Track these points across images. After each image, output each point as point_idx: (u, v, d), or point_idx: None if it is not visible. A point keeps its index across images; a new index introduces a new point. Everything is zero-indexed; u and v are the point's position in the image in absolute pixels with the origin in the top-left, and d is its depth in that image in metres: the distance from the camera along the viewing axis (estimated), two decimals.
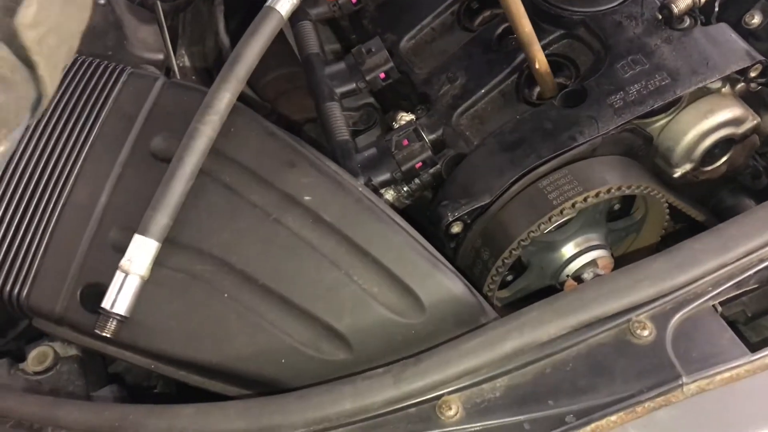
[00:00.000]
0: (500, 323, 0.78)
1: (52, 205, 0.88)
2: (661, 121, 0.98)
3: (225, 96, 0.87)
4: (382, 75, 1.12)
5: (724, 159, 1.03)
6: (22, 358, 0.92)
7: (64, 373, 0.91)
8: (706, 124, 0.96)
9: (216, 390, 0.87)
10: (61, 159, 0.90)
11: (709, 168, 1.02)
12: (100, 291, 0.82)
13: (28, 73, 0.41)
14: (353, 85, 1.12)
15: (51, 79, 0.42)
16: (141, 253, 0.82)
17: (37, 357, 0.91)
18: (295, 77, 1.40)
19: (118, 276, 0.82)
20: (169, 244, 0.83)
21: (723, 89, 0.98)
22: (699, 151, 0.98)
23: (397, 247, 0.85)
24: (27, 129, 0.45)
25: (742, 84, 0.99)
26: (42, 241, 0.87)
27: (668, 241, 1.11)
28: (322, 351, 0.83)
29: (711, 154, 1.00)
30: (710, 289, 0.80)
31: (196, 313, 0.85)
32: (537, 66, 0.98)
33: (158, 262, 0.83)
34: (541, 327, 0.76)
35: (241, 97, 0.91)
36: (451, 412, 0.76)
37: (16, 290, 0.86)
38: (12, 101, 0.41)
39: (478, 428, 0.75)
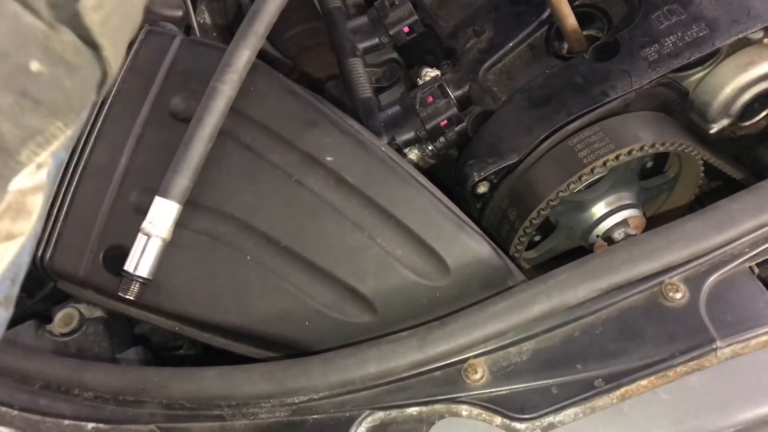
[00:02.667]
0: (528, 286, 0.76)
1: (72, 168, 0.88)
2: (697, 75, 0.94)
3: (244, 53, 0.85)
4: (406, 29, 1.09)
5: (764, 114, 0.98)
6: (49, 320, 0.92)
7: (90, 334, 0.91)
8: (745, 77, 0.92)
9: (240, 352, 0.87)
10: None
11: (748, 123, 0.98)
12: (123, 253, 0.81)
13: (92, 54, 0.40)
14: (376, 40, 1.09)
15: (115, 58, 0.42)
16: (162, 216, 0.81)
17: (63, 319, 0.91)
18: (317, 33, 1.36)
19: (140, 238, 0.81)
20: (190, 205, 0.82)
21: (765, 40, 0.93)
22: (737, 105, 0.94)
23: (421, 209, 0.83)
24: None
25: None
26: (64, 204, 0.87)
27: (704, 200, 1.08)
28: (346, 313, 0.82)
29: (750, 109, 0.96)
30: (747, 250, 0.77)
31: (218, 275, 0.84)
32: (563, 20, 0.94)
33: (180, 225, 0.82)
34: (570, 290, 0.74)
35: (262, 54, 0.89)
36: (477, 376, 0.75)
37: (39, 253, 0.86)
38: (78, 85, 0.41)
39: (504, 392, 0.74)
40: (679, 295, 0.75)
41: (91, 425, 0.79)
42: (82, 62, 0.40)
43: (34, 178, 0.41)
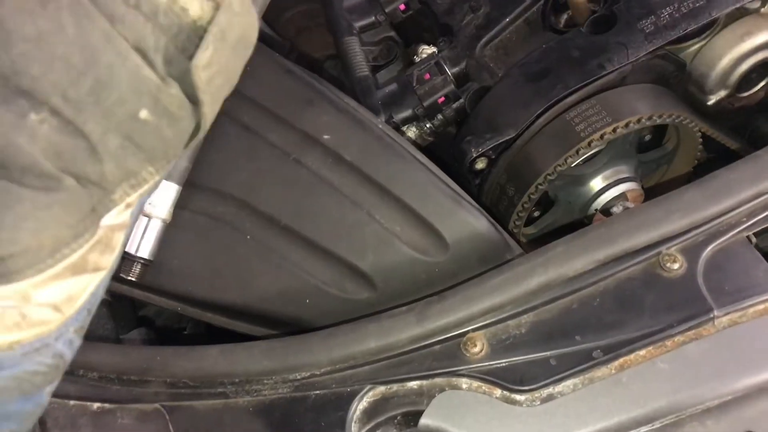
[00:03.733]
0: (525, 259, 0.76)
1: None
2: (694, 46, 0.93)
3: None
4: (402, 6, 1.09)
5: (762, 84, 0.98)
6: None
7: (94, 317, 0.91)
8: (743, 47, 0.91)
9: (243, 331, 0.88)
10: None
11: (746, 94, 0.98)
12: None
13: (192, 109, 0.43)
14: (372, 18, 1.09)
15: (211, 114, 0.45)
16: (162, 197, 0.81)
17: None
18: (315, 13, 1.36)
19: (141, 220, 0.81)
20: (189, 186, 0.83)
21: (762, 9, 0.93)
22: (735, 76, 0.94)
23: (419, 185, 0.83)
24: None
25: None
26: None
27: (701, 172, 1.08)
28: (346, 290, 0.82)
29: (748, 80, 0.95)
30: (745, 219, 0.77)
31: (219, 254, 0.85)
32: None
33: (179, 205, 0.82)
34: (568, 262, 0.75)
35: (259, 35, 0.89)
36: (476, 349, 0.75)
37: None
38: (175, 135, 0.44)
39: (503, 364, 0.74)
40: (676, 266, 0.75)
41: (96, 405, 0.80)
42: (183, 115, 0.43)
43: (122, 216, 0.44)
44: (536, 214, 1.04)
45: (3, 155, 0.36)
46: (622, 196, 0.96)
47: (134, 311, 0.99)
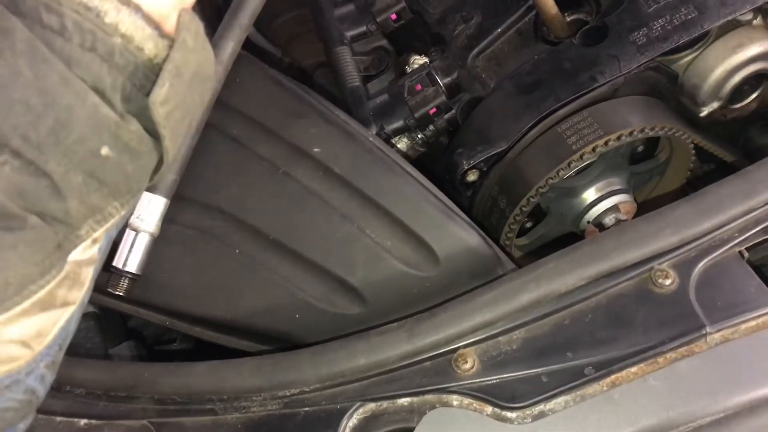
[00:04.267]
0: (516, 275, 0.76)
1: None
2: (686, 58, 0.93)
3: (228, 45, 0.84)
4: (394, 16, 1.08)
5: (754, 96, 0.97)
6: None
7: (82, 330, 0.91)
8: (735, 59, 0.91)
9: (232, 345, 0.87)
10: None
11: (738, 106, 0.97)
12: (111, 249, 0.81)
13: (153, 143, 0.45)
14: (363, 28, 1.08)
15: (173, 148, 0.46)
16: (150, 211, 0.80)
17: None
18: (307, 19, 1.35)
19: (128, 234, 0.80)
20: (177, 200, 0.81)
21: (754, 21, 0.92)
22: (727, 88, 0.93)
23: (410, 199, 0.82)
24: None
25: None
26: None
27: (696, 185, 1.07)
28: (336, 305, 0.81)
29: (740, 91, 0.95)
30: (736, 234, 0.76)
31: (207, 269, 0.84)
32: (543, 7, 0.93)
33: (168, 219, 0.81)
34: (559, 278, 0.74)
35: (249, 44, 0.88)
36: (467, 366, 0.75)
37: None
38: (137, 170, 0.45)
39: (494, 381, 0.74)
40: (668, 282, 0.75)
41: (83, 421, 0.79)
42: (144, 150, 0.44)
43: (89, 252, 0.44)
44: (528, 225, 1.04)
45: None
46: (614, 208, 0.95)
47: (123, 324, 0.98)
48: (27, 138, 0.38)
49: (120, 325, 0.97)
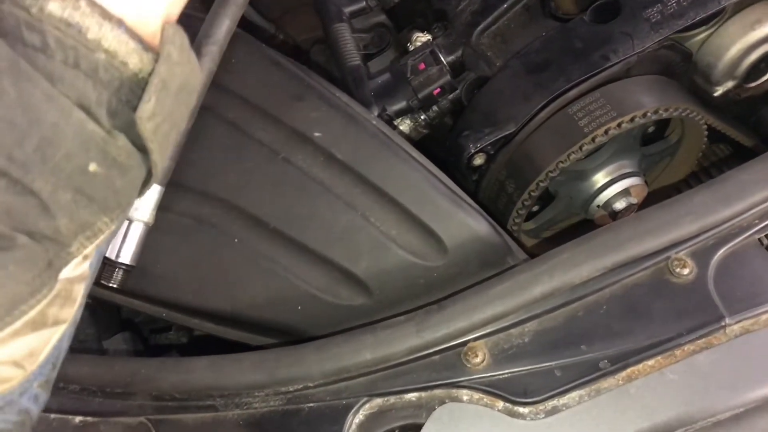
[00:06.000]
0: (529, 266, 0.73)
1: None
2: (701, 35, 0.89)
3: (224, 23, 0.79)
4: None
5: None
6: None
7: None
8: (752, 36, 0.87)
9: (230, 337, 0.84)
10: None
11: (754, 84, 0.94)
12: None
13: (141, 157, 0.45)
14: (363, 3, 1.04)
15: (161, 161, 0.46)
16: (144, 199, 0.77)
17: None
18: None
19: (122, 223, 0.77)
20: (173, 187, 0.78)
21: None
22: (743, 66, 0.90)
23: (415, 186, 0.79)
24: None
25: None
26: None
27: (711, 171, 1.05)
28: (340, 296, 0.78)
29: (757, 70, 0.91)
30: (757, 222, 0.73)
31: (205, 259, 0.81)
32: None
33: (163, 207, 0.77)
34: (574, 269, 0.71)
35: (243, 21, 0.84)
36: (478, 359, 0.72)
37: None
38: (127, 185, 0.45)
39: (506, 375, 0.71)
40: (686, 271, 0.72)
41: (78, 418, 0.76)
42: (133, 164, 0.44)
43: (80, 268, 0.44)
44: (536, 209, 1.00)
45: None
46: (625, 192, 0.92)
47: (117, 315, 0.95)
48: (12, 157, 0.38)
49: (114, 316, 0.94)
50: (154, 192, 0.77)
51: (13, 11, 0.38)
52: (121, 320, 0.95)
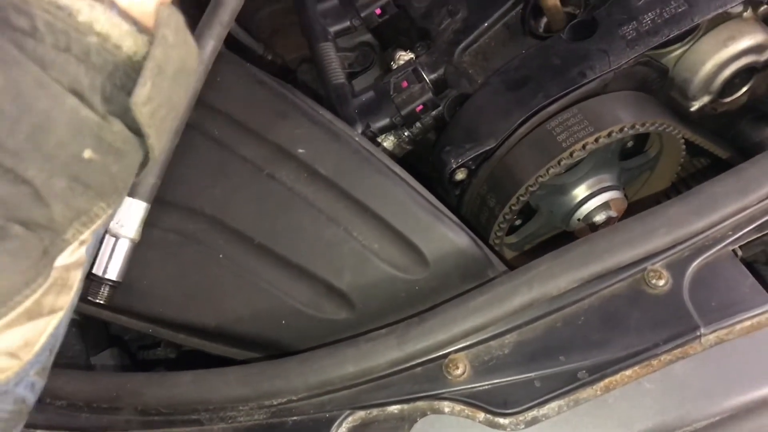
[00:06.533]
0: (508, 278, 0.74)
1: None
2: (676, 51, 0.91)
3: (209, 43, 0.81)
4: (378, 10, 1.06)
5: (745, 89, 0.96)
6: None
7: (63, 338, 0.88)
8: (725, 52, 0.89)
9: (217, 353, 0.85)
10: None
11: (729, 99, 0.96)
12: None
13: (138, 141, 0.44)
14: (347, 23, 1.06)
15: (159, 144, 0.46)
16: (130, 216, 0.78)
17: None
18: (290, 12, 1.32)
19: (108, 240, 0.78)
20: (158, 203, 0.79)
21: (745, 14, 0.91)
22: (718, 82, 0.92)
23: (397, 200, 0.80)
24: None
25: (766, 7, 0.91)
26: None
27: (689, 182, 1.06)
28: (324, 310, 0.80)
29: (731, 85, 0.94)
30: (730, 233, 0.75)
31: (190, 274, 0.82)
32: None
33: (148, 224, 0.78)
34: (552, 280, 0.72)
35: (230, 39, 0.85)
36: (459, 371, 0.73)
37: None
38: (123, 169, 0.44)
39: (486, 387, 0.72)
40: (662, 282, 0.73)
41: None
42: (129, 149, 0.43)
43: (76, 254, 0.44)
44: (518, 222, 1.02)
45: None
46: (605, 205, 0.94)
47: (105, 330, 0.96)
48: (3, 146, 0.37)
49: (102, 332, 0.95)
50: (140, 209, 0.78)
51: None
52: (109, 336, 0.96)
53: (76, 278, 0.46)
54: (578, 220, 0.95)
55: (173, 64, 0.43)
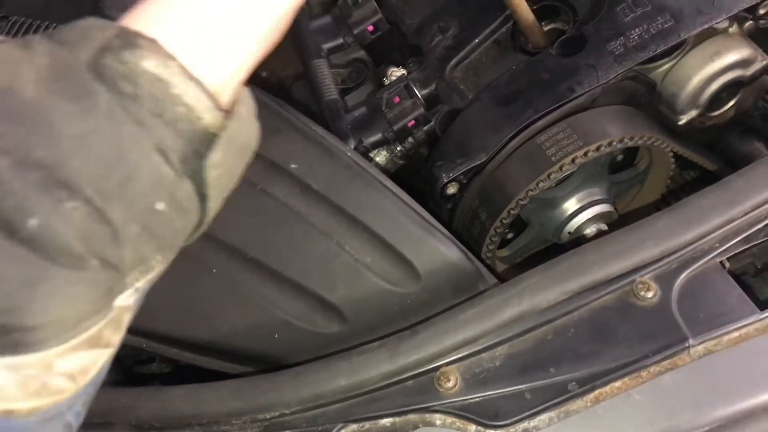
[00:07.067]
0: (498, 291, 0.75)
1: None
2: (664, 66, 0.93)
3: None
4: (371, 27, 1.07)
5: (731, 103, 0.97)
6: None
7: None
8: (712, 67, 0.91)
9: (210, 367, 0.85)
10: None
11: (716, 113, 0.98)
12: None
13: (199, 204, 0.48)
14: (340, 40, 1.07)
15: (215, 209, 0.51)
16: None
17: None
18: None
19: None
20: None
21: (730, 29, 0.92)
22: (705, 96, 0.93)
23: (389, 215, 0.81)
24: None
25: (751, 22, 0.93)
26: None
27: (678, 194, 1.07)
28: (316, 324, 0.80)
29: (718, 99, 0.95)
30: (717, 245, 0.76)
31: (183, 288, 0.82)
32: (519, 15, 0.92)
33: None
34: (541, 293, 0.73)
35: None
36: (450, 384, 0.74)
37: None
38: (184, 227, 0.48)
39: (477, 399, 0.73)
40: (650, 294, 0.74)
41: None
42: (192, 208, 0.48)
43: (130, 299, 0.47)
44: (509, 236, 1.03)
45: (42, 237, 0.40)
46: (595, 218, 0.95)
47: None
48: (98, 188, 0.42)
49: None
50: None
51: (114, 64, 0.43)
52: None
53: (126, 322, 0.49)
54: (569, 233, 0.96)
55: (242, 138, 0.50)
